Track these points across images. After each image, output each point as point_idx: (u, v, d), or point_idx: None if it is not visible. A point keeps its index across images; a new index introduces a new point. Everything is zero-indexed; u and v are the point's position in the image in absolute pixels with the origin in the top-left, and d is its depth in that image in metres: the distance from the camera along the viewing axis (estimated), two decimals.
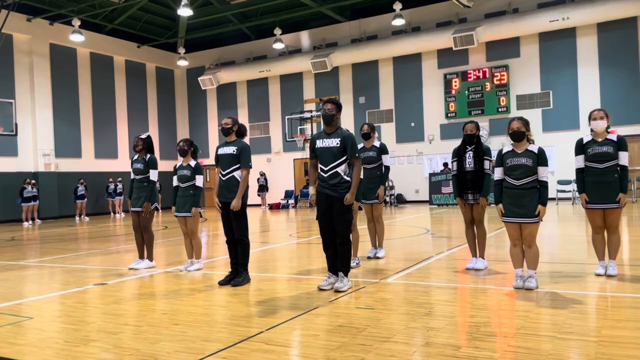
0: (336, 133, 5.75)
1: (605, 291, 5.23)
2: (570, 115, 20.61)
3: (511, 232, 5.48)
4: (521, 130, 5.47)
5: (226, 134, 6.44)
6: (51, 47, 22.92)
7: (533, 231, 5.37)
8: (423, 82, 23.34)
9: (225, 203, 6.30)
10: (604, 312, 4.50)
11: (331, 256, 5.76)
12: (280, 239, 11.60)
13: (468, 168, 6.50)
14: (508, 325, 4.18)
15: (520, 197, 5.38)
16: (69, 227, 17.83)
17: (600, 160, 5.72)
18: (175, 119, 29.16)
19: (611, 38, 19.95)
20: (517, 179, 5.41)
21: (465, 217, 6.64)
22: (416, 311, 4.71)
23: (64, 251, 10.53)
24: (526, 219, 5.35)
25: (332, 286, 5.67)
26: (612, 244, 5.85)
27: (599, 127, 5.78)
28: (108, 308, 5.38)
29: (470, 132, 6.57)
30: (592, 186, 5.80)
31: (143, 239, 7.81)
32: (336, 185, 5.66)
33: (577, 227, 11.24)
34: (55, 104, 22.93)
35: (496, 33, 21.36)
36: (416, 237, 10.93)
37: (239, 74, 26.95)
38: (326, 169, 5.71)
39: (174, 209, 7.43)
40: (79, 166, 23.57)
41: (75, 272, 7.78)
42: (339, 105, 5.86)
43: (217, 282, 6.28)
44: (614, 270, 5.79)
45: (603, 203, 5.73)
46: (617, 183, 5.73)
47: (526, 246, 5.41)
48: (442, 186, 20.25)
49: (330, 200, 5.67)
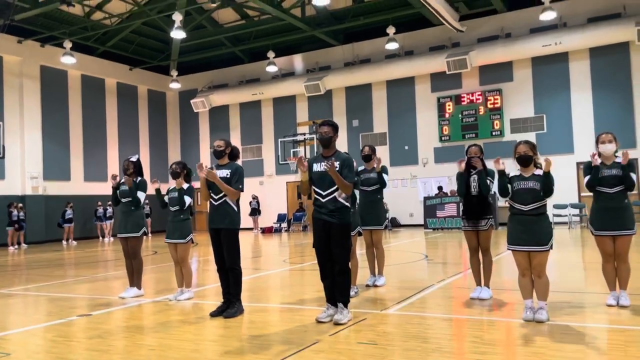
0: (335, 156, 5.47)
1: (621, 324, 4.95)
2: (564, 139, 20.58)
3: (519, 261, 5.21)
4: (528, 154, 5.27)
5: (218, 157, 6.18)
6: (42, 69, 22.68)
7: (543, 260, 5.11)
8: (417, 105, 23.30)
9: (217, 230, 6.00)
10: (624, 348, 4.22)
11: (329, 286, 5.46)
12: (273, 265, 11.26)
13: (473, 192, 6.25)
14: None
15: (529, 224, 5.13)
16: (56, 251, 17.36)
17: (610, 184, 5.51)
18: (167, 141, 28.87)
19: (603, 63, 20.04)
20: (525, 204, 5.18)
21: (470, 244, 6.37)
22: (423, 347, 4.40)
23: (50, 278, 10.12)
24: (536, 247, 5.09)
25: (331, 318, 5.35)
26: (622, 273, 5.59)
27: (608, 151, 5.59)
28: (92, 343, 5.02)
29: (474, 155, 6.35)
30: (602, 212, 5.57)
31: (132, 265, 7.48)
32: (334, 211, 5.38)
33: (576, 253, 10.99)
34: (44, 126, 22.59)
35: (489, 57, 21.42)
36: (414, 263, 10.64)
37: (231, 96, 26.82)
38: (324, 194, 5.43)
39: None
40: (67, 189, 23.12)
41: (60, 301, 7.39)
42: (336, 127, 5.60)
43: (209, 314, 5.94)
44: (627, 300, 5.53)
45: (613, 230, 5.49)
46: (627, 209, 5.51)
47: (536, 276, 5.14)
48: (437, 210, 20.00)
49: (328, 227, 5.38)
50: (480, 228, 6.25)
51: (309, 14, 22.63)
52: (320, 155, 5.61)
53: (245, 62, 26.85)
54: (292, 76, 25.54)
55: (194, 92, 27.69)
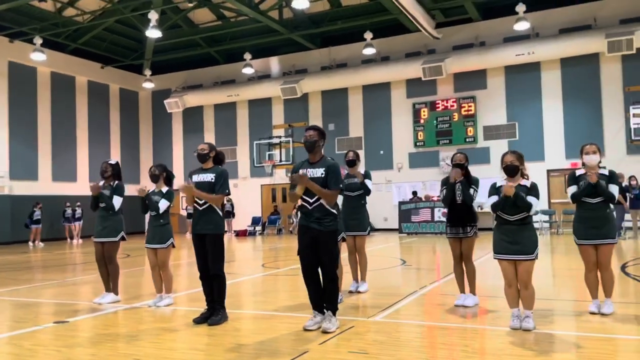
0: (321, 162, 5.39)
1: (607, 332, 5.00)
2: (535, 146, 20.94)
3: (505, 270, 5.23)
4: (515, 164, 5.30)
5: (202, 161, 6.03)
6: (10, 65, 21.99)
7: (529, 268, 5.15)
8: (392, 110, 23.43)
9: (202, 235, 5.87)
10: (613, 358, 4.27)
11: (315, 293, 5.38)
12: (252, 270, 11.12)
13: (458, 200, 6.27)
14: None
15: (514, 233, 5.17)
16: (23, 253, 16.81)
17: (592, 195, 5.59)
18: (139, 142, 28.34)
19: (574, 73, 20.52)
20: (511, 214, 5.22)
21: (454, 252, 6.39)
22: (414, 356, 4.37)
23: (18, 282, 9.76)
24: (521, 255, 5.12)
25: (319, 325, 5.28)
26: (606, 282, 5.68)
27: (592, 162, 5.67)
28: (70, 353, 4.83)
29: (459, 162, 6.37)
30: (584, 221, 5.65)
31: (108, 271, 7.27)
32: (321, 219, 5.29)
33: (558, 260, 11.17)
34: (11, 124, 21.90)
35: (464, 65, 21.69)
36: (393, 268, 10.64)
37: (206, 97, 26.50)
38: (311, 202, 5.32)
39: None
40: (35, 189, 22.44)
41: (32, 306, 7.13)
42: (322, 132, 5.50)
43: (192, 320, 5.79)
44: (610, 308, 5.61)
45: (595, 239, 5.58)
46: (609, 219, 5.60)
47: (522, 287, 5.16)
48: (412, 214, 20.14)
49: (315, 234, 5.29)
50: (464, 235, 6.27)
51: (286, 16, 22.56)
52: (306, 161, 5.52)
53: (221, 63, 26.58)
54: (268, 78, 25.40)
55: (168, 92, 27.27)
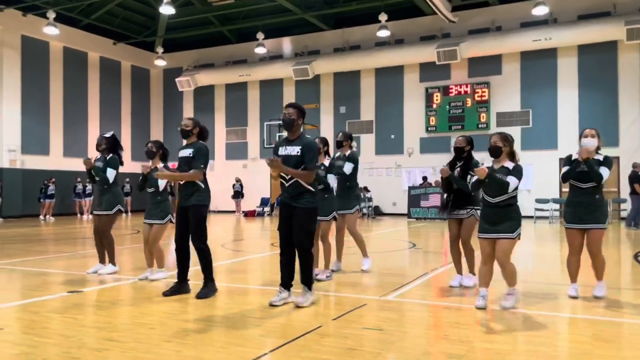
0: (298, 140, 5.35)
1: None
2: (548, 134, 20.80)
3: (484, 248, 5.25)
4: (497, 145, 5.27)
5: (185, 136, 6.00)
6: (23, 39, 21.99)
7: (507, 248, 5.15)
8: (404, 94, 23.26)
9: (184, 208, 5.85)
10: (630, 340, 4.25)
11: (286, 269, 5.39)
12: (261, 249, 11.16)
13: (455, 186, 6.20)
14: (535, 353, 3.86)
15: (496, 215, 5.19)
16: (34, 227, 16.96)
17: (583, 180, 5.53)
18: (149, 119, 28.37)
19: (591, 60, 20.24)
20: (493, 196, 5.21)
21: (451, 233, 6.36)
22: (430, 334, 4.38)
23: (29, 253, 9.85)
24: (502, 234, 5.14)
25: (284, 301, 5.32)
26: (597, 266, 5.67)
27: (589, 145, 5.58)
28: (85, 319, 4.88)
29: (459, 145, 6.29)
30: (573, 206, 5.62)
31: (102, 243, 7.33)
32: (297, 196, 5.30)
33: (554, 247, 11.12)
34: (24, 98, 21.96)
35: (479, 49, 21.44)
36: (403, 251, 10.65)
37: (217, 77, 26.42)
38: (287, 178, 5.33)
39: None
40: (46, 164, 22.58)
41: (43, 276, 7.19)
42: (302, 110, 5.47)
43: (162, 293, 5.81)
44: (601, 291, 5.62)
45: (583, 223, 5.54)
46: (599, 204, 5.55)
47: (501, 265, 5.20)
48: (421, 200, 20.08)
49: (291, 211, 5.31)
50: (460, 216, 6.22)
51: None
52: (285, 139, 5.50)
53: (233, 42, 26.44)
54: (281, 59, 25.25)
55: (179, 71, 27.20)
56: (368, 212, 21.98)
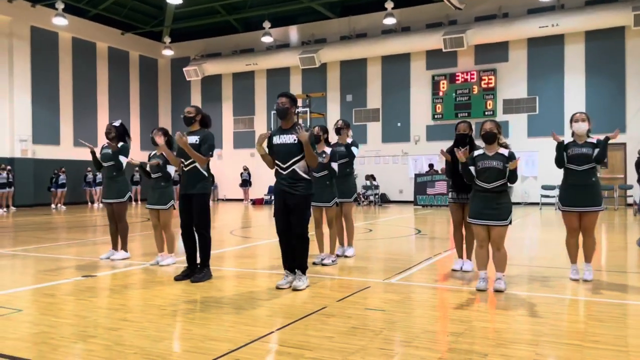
0: (293, 129, 5.49)
1: (615, 298, 5.12)
2: (555, 121, 20.68)
3: (479, 233, 5.39)
4: (493, 131, 5.44)
5: (188, 123, 6.15)
6: (32, 30, 22.20)
7: (502, 233, 5.31)
8: (411, 82, 23.29)
9: (189, 195, 6.02)
10: (624, 321, 4.39)
11: (286, 254, 5.57)
12: (268, 235, 11.34)
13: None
14: (529, 331, 4.03)
15: (490, 200, 5.33)
16: (46, 215, 17.27)
17: (578, 162, 5.65)
18: (157, 109, 28.59)
19: (598, 47, 20.16)
20: (488, 182, 5.34)
21: (455, 217, 6.50)
22: (430, 314, 4.55)
23: (42, 240, 10.11)
24: (496, 221, 5.27)
25: (290, 284, 5.49)
26: (587, 248, 5.80)
27: (580, 130, 5.70)
28: (100, 301, 5.09)
29: (463, 131, 6.38)
30: (570, 188, 5.73)
31: (117, 229, 7.55)
32: (294, 184, 5.45)
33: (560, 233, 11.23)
34: (34, 89, 22.22)
35: (486, 36, 21.40)
36: (408, 237, 10.81)
37: (225, 66, 26.54)
38: (284, 167, 5.49)
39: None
40: (56, 153, 22.89)
41: (57, 261, 7.43)
42: (294, 99, 5.64)
43: (174, 278, 6.03)
44: (590, 275, 5.75)
45: (579, 206, 5.66)
46: (595, 186, 5.66)
47: (494, 249, 5.35)
48: (427, 187, 20.21)
49: (288, 198, 5.46)
50: (464, 201, 6.34)
51: None
52: (279, 128, 5.63)
53: (240, 31, 26.51)
54: (287, 48, 25.32)
55: (187, 60, 27.34)
56: (375, 199, 22.13)
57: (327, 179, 6.93)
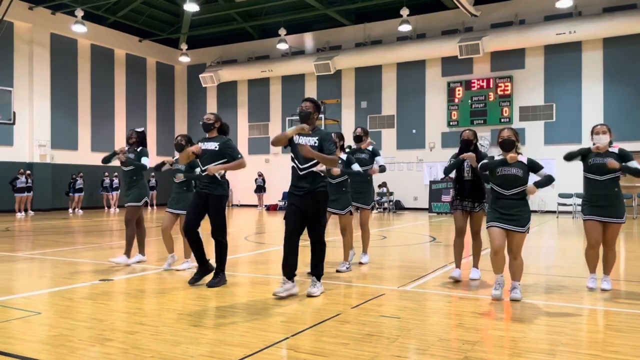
0: (314, 132, 5.55)
1: (634, 308, 5.05)
2: (572, 129, 20.57)
3: (494, 239, 5.28)
4: (511, 139, 5.40)
5: (207, 130, 6.21)
6: (52, 37, 22.59)
7: (520, 242, 5.27)
8: (426, 89, 23.25)
9: (205, 194, 6.05)
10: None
11: (289, 260, 5.48)
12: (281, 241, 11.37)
13: (466, 177, 6.29)
14: (546, 340, 3.99)
15: (510, 207, 5.29)
16: (64, 219, 17.49)
17: (600, 172, 5.59)
18: (173, 115, 28.86)
19: (617, 54, 19.96)
20: (507, 189, 5.31)
21: (458, 225, 6.40)
22: (445, 322, 4.52)
23: (59, 244, 10.24)
24: (515, 227, 5.23)
25: (289, 292, 5.41)
26: (608, 261, 5.76)
27: (602, 142, 5.64)
28: (116, 305, 5.15)
29: (467, 139, 6.35)
30: (593, 198, 5.67)
31: (133, 233, 7.66)
32: (311, 188, 5.42)
33: (578, 241, 11.11)
34: (53, 94, 22.58)
35: (502, 43, 21.31)
36: (423, 244, 10.76)
37: (240, 73, 26.73)
38: (302, 167, 5.46)
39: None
40: (74, 159, 23.20)
41: (75, 265, 7.53)
42: (318, 106, 5.69)
43: (187, 282, 6.09)
44: (609, 285, 5.70)
45: (603, 217, 5.60)
46: (617, 197, 5.60)
47: (511, 258, 5.31)
48: (442, 194, 20.12)
49: (304, 203, 5.39)
50: (472, 210, 6.30)
51: None
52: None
53: (255, 38, 26.71)
54: (302, 55, 25.44)
55: (203, 67, 27.59)
56: (389, 206, 22.07)
57: (344, 185, 6.94)
